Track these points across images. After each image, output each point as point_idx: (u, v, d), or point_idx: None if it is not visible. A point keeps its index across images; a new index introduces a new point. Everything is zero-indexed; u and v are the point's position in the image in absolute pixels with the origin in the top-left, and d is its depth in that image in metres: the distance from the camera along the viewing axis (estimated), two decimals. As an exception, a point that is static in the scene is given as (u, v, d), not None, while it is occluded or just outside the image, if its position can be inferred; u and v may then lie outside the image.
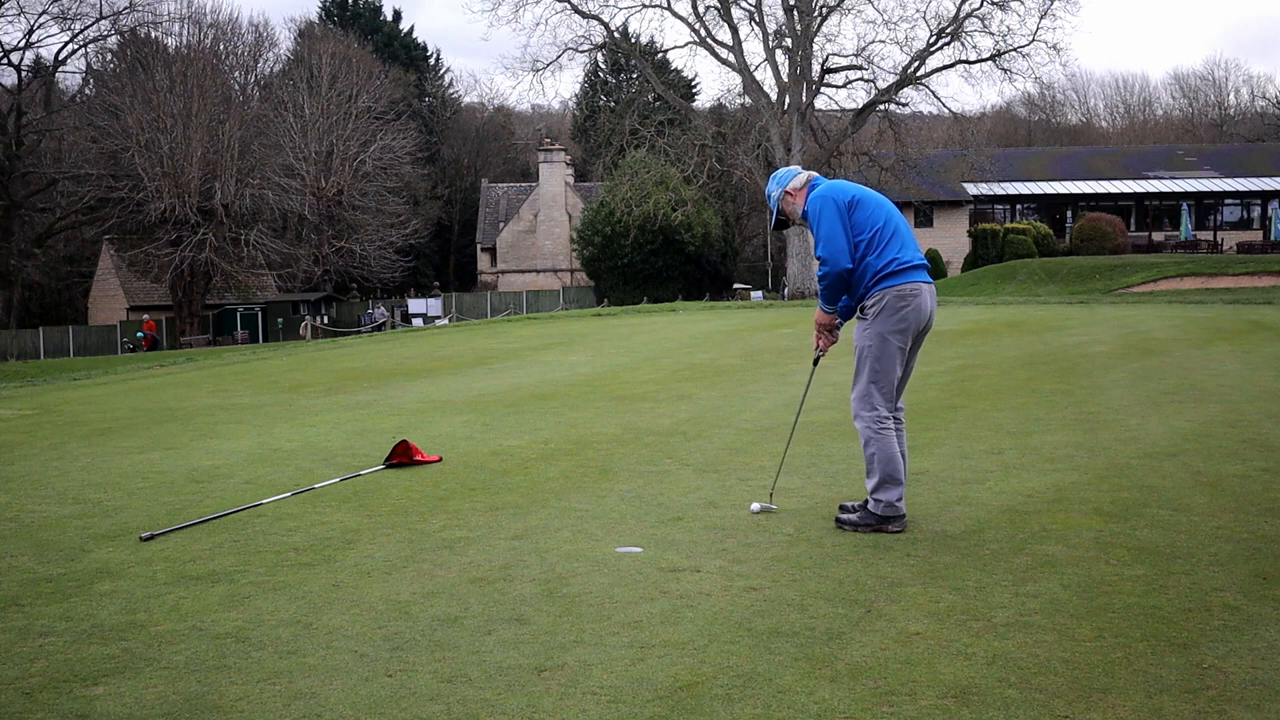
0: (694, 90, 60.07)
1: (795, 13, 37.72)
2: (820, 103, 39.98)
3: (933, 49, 38.07)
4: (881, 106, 38.71)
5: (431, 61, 69.54)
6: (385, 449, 7.21)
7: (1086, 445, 6.83)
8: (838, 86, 39.94)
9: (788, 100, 38.28)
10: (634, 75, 58.64)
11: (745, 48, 46.34)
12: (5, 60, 47.65)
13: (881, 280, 4.99)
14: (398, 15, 68.08)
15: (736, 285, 47.98)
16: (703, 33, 39.14)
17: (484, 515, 5.55)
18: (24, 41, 48.00)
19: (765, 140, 38.03)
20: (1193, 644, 3.53)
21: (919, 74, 38.36)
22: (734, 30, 38.57)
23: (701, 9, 38.95)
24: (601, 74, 62.02)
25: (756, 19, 38.53)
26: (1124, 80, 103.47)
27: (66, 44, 53.38)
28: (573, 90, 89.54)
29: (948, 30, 37.69)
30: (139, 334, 42.01)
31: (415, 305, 49.20)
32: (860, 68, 38.77)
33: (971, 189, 48.08)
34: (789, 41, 38.06)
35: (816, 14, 37.88)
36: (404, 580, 4.46)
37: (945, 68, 38.86)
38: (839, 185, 5.21)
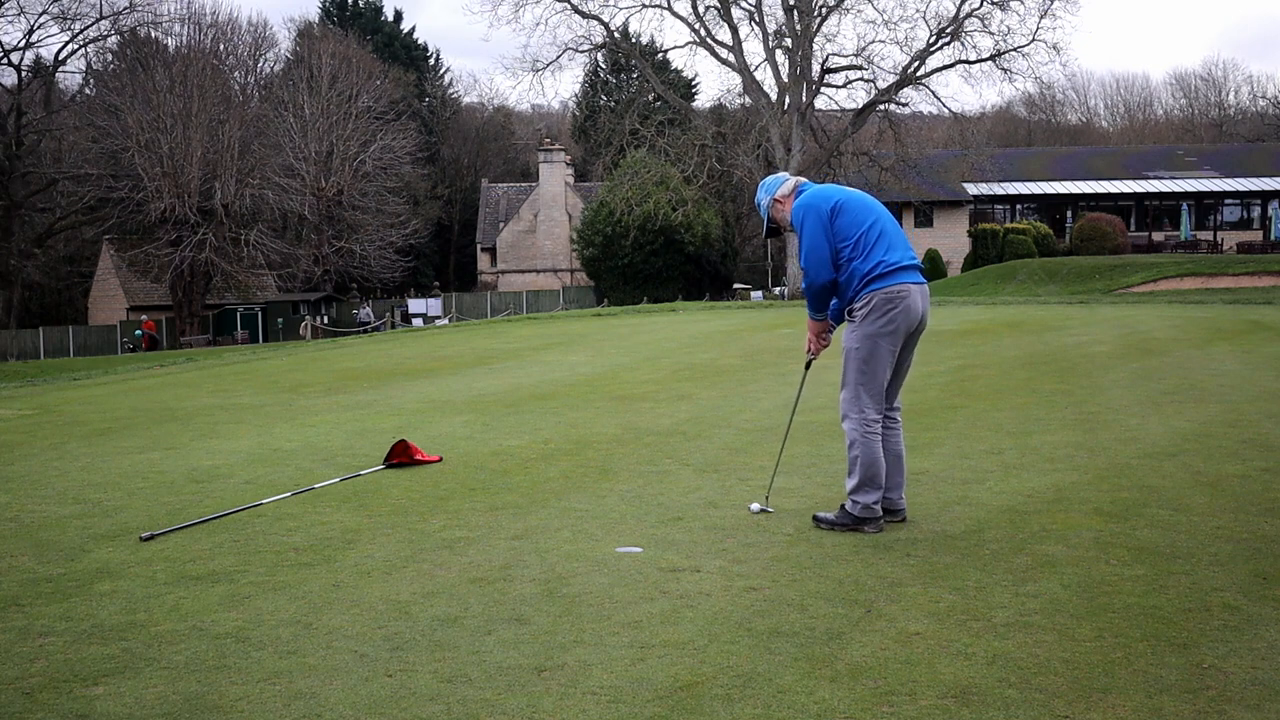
0: (694, 90, 60.07)
1: (795, 13, 37.76)
2: (820, 103, 40.06)
3: (933, 49, 38.12)
4: (881, 106, 38.75)
5: (431, 62, 69.54)
6: (385, 449, 7.21)
7: (1086, 445, 6.83)
8: (838, 86, 40.03)
9: (788, 100, 38.30)
10: (634, 75, 58.67)
11: (745, 48, 46.40)
12: (5, 60, 47.68)
13: (869, 283, 4.98)
14: (398, 15, 68.11)
15: (736, 285, 47.97)
16: (703, 33, 39.22)
17: (484, 515, 5.55)
18: (24, 41, 48.02)
19: (765, 140, 38.07)
20: (1193, 644, 3.53)
21: (919, 74, 38.40)
22: (734, 30, 38.61)
23: (701, 9, 39.01)
24: (601, 74, 61.98)
25: (756, 19, 38.58)
26: (1124, 80, 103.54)
27: (66, 44, 53.38)
28: (573, 90, 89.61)
29: (948, 30, 37.74)
30: (137, 333, 41.99)
31: (415, 305, 49.19)
32: (860, 68, 38.84)
33: (971, 189, 48.09)
34: (789, 41, 38.10)
35: (816, 14, 37.91)
36: (404, 580, 4.46)
37: (945, 68, 38.97)
38: (823, 191, 5.19)
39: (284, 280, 50.16)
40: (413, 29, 68.89)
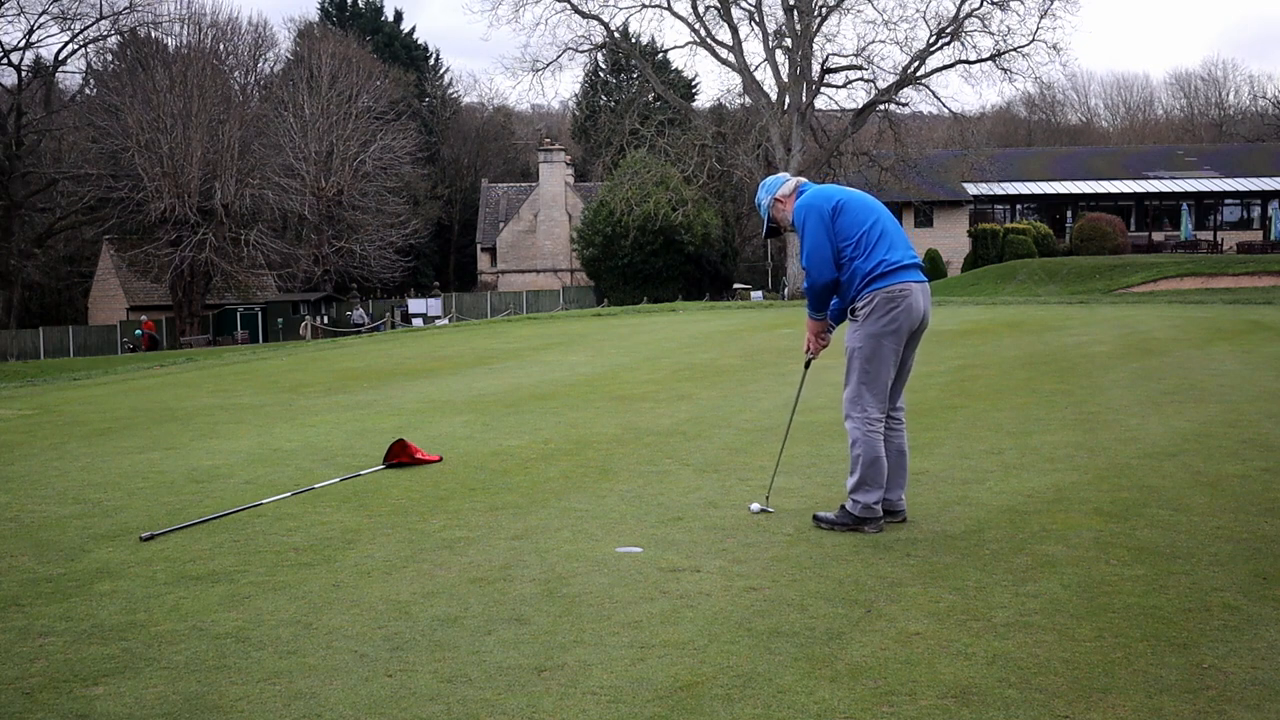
0: (694, 90, 60.07)
1: (795, 13, 37.76)
2: (820, 103, 40.07)
3: (933, 49, 38.13)
4: (881, 106, 38.75)
5: (431, 62, 69.53)
6: (385, 449, 7.20)
7: (1086, 445, 6.83)
8: (838, 86, 40.04)
9: (788, 100, 38.31)
10: (634, 75, 58.67)
11: (745, 48, 46.40)
12: (5, 60, 47.66)
13: (871, 282, 5.00)
14: (398, 15, 68.12)
15: (736, 285, 47.96)
16: (703, 33, 39.23)
17: (484, 515, 5.55)
18: (24, 41, 48.00)
19: (765, 140, 38.08)
20: (1193, 644, 3.53)
21: (919, 74, 38.41)
22: (734, 30, 38.62)
23: (701, 9, 39.02)
24: (601, 74, 61.99)
25: (756, 19, 38.59)
26: (1124, 80, 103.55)
27: (66, 44, 53.43)
28: (573, 90, 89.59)
29: (948, 30, 37.75)
30: (137, 333, 41.98)
31: (415, 305, 49.19)
32: (860, 68, 38.85)
33: (971, 189, 48.09)
34: (789, 41, 38.10)
35: (816, 14, 37.92)
36: (404, 580, 4.46)
37: (945, 68, 38.98)
38: (824, 191, 5.20)
39: (284, 280, 50.14)
40: (413, 29, 68.95)
